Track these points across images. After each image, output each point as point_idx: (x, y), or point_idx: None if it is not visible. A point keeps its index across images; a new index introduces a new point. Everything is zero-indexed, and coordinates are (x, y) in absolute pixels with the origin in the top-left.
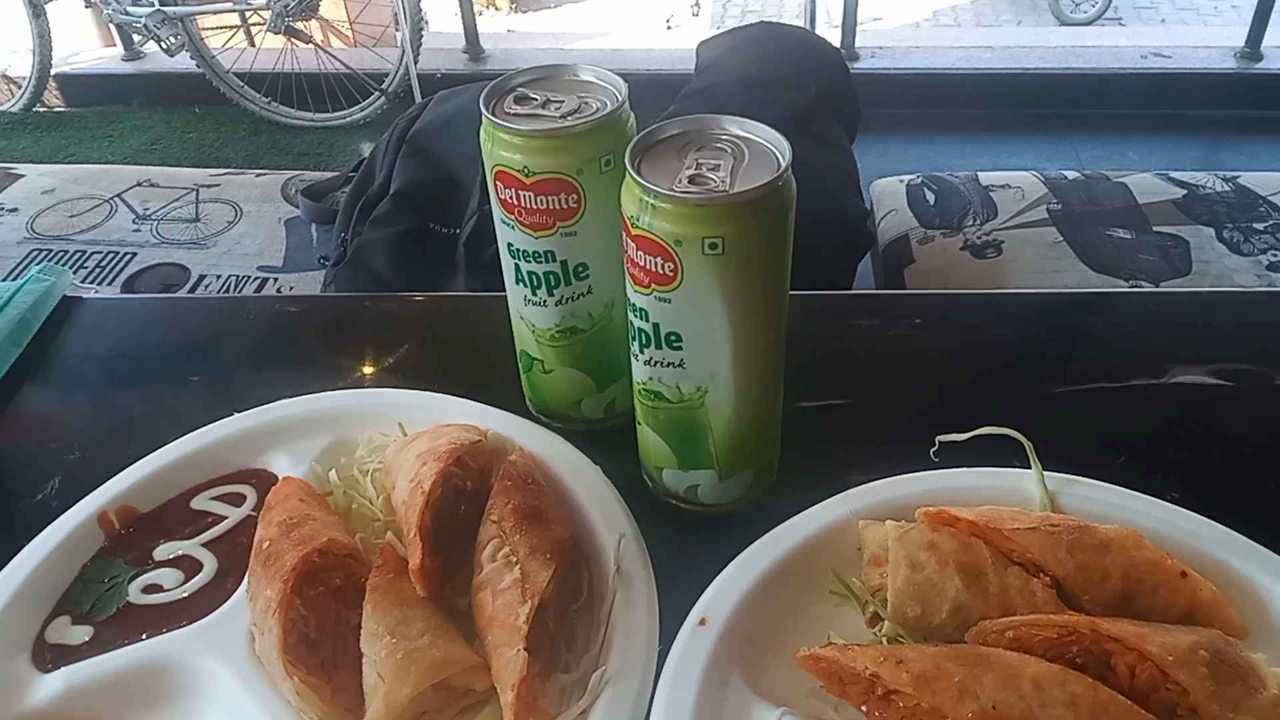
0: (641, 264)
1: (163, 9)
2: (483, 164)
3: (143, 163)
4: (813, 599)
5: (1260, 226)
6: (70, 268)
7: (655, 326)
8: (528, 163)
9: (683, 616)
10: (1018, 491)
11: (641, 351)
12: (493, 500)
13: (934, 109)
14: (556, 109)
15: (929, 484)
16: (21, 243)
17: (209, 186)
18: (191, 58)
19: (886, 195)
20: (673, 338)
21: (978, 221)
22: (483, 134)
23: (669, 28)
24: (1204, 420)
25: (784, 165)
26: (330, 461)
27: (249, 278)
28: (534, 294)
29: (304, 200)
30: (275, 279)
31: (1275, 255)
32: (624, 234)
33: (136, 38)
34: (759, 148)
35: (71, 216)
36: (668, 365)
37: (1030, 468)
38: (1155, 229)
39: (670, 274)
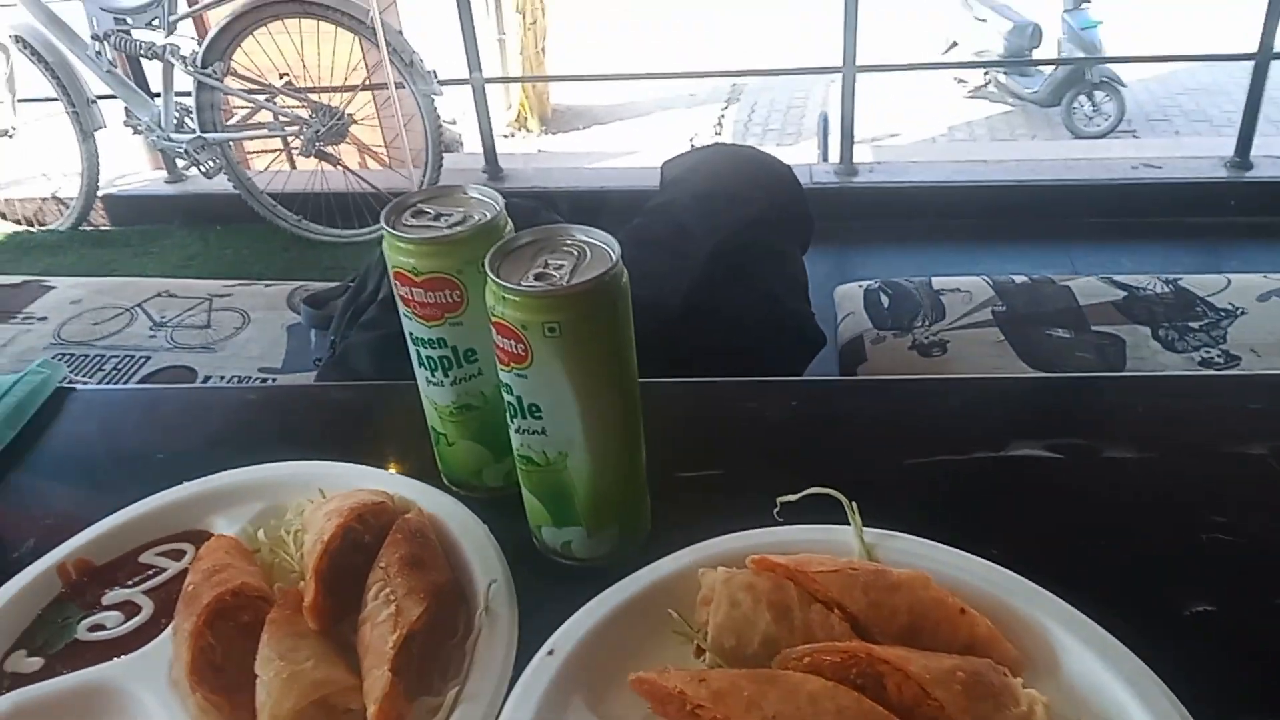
0: (502, 346)
1: (203, 135)
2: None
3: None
4: (658, 637)
5: (1195, 325)
6: (90, 370)
7: (519, 399)
8: (416, 264)
9: None
10: (842, 545)
11: (512, 421)
12: (383, 550)
13: (928, 220)
14: (445, 221)
15: (765, 538)
16: (48, 348)
17: (221, 296)
18: (229, 179)
19: (846, 299)
20: (534, 409)
21: (926, 323)
22: (384, 244)
23: (693, 147)
24: (1031, 489)
25: (614, 262)
26: (261, 523)
27: (250, 378)
28: (433, 375)
29: (304, 307)
30: (274, 379)
31: (1208, 352)
32: (489, 321)
33: (179, 162)
34: (599, 250)
35: (95, 324)
36: (533, 433)
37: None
38: (1094, 328)
39: (523, 354)
